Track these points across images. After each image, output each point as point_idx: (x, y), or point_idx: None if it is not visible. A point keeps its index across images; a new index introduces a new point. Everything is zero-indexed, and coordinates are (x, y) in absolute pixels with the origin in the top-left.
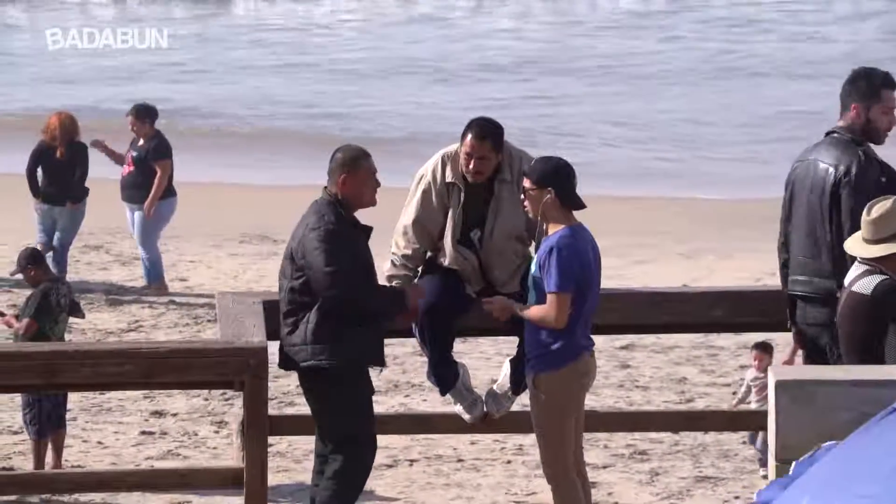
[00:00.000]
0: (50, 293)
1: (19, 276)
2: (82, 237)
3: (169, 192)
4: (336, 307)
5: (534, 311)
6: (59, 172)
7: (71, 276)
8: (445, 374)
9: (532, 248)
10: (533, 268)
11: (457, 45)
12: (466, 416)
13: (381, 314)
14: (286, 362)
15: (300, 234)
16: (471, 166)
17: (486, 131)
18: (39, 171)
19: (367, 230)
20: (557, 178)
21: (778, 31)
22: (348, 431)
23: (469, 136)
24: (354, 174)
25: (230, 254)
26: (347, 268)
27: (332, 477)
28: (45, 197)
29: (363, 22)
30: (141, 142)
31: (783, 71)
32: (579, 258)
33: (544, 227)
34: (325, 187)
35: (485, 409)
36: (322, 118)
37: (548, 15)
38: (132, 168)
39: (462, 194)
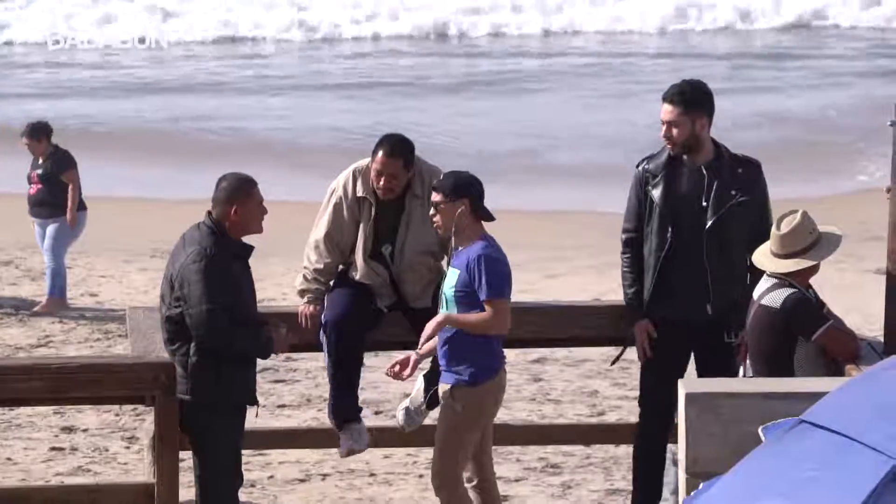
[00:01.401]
0: None
1: None
2: None
3: (80, 204)
4: (208, 346)
5: (473, 319)
6: None
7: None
8: (346, 403)
9: (444, 264)
10: (448, 283)
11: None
12: (356, 447)
13: (246, 357)
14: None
15: (180, 262)
16: (381, 183)
17: (397, 149)
18: None
19: (248, 251)
20: (471, 189)
21: None
22: (216, 476)
23: (380, 153)
24: (245, 204)
25: (140, 268)
26: (223, 307)
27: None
28: None
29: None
30: (40, 160)
31: None
32: (507, 269)
33: (453, 243)
34: (209, 212)
35: (399, 422)
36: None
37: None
38: (39, 186)
39: (373, 209)
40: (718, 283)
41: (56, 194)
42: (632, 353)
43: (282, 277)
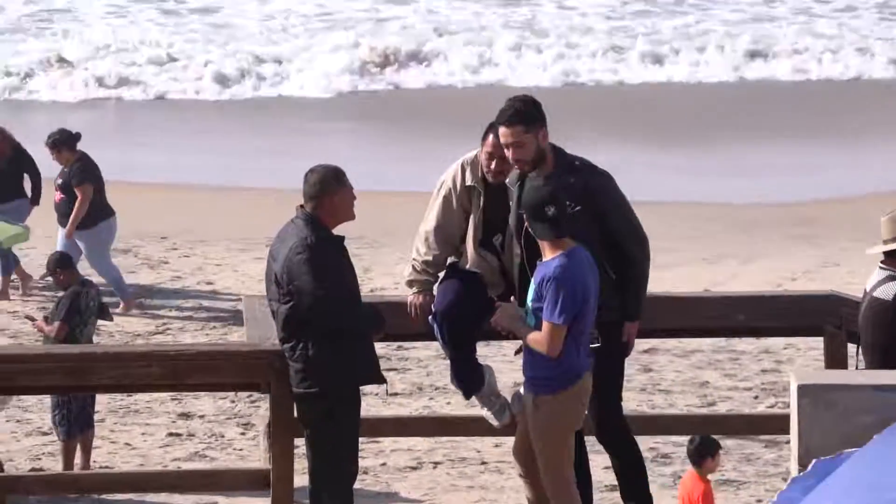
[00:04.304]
0: (79, 297)
1: (49, 280)
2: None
3: (104, 213)
4: (327, 330)
5: (532, 336)
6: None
7: (99, 279)
8: (469, 378)
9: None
10: (530, 296)
11: None
12: (495, 422)
13: (365, 334)
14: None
15: (283, 257)
16: (492, 166)
17: None
18: None
19: (342, 240)
20: (533, 209)
21: None
22: (334, 466)
23: (491, 136)
24: (339, 193)
25: (255, 257)
26: (336, 291)
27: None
28: None
29: None
30: (65, 168)
31: None
32: (577, 288)
33: (541, 248)
34: (301, 206)
35: (513, 410)
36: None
37: None
38: (62, 196)
39: (482, 198)
40: None
41: (73, 206)
42: (742, 343)
43: (395, 267)
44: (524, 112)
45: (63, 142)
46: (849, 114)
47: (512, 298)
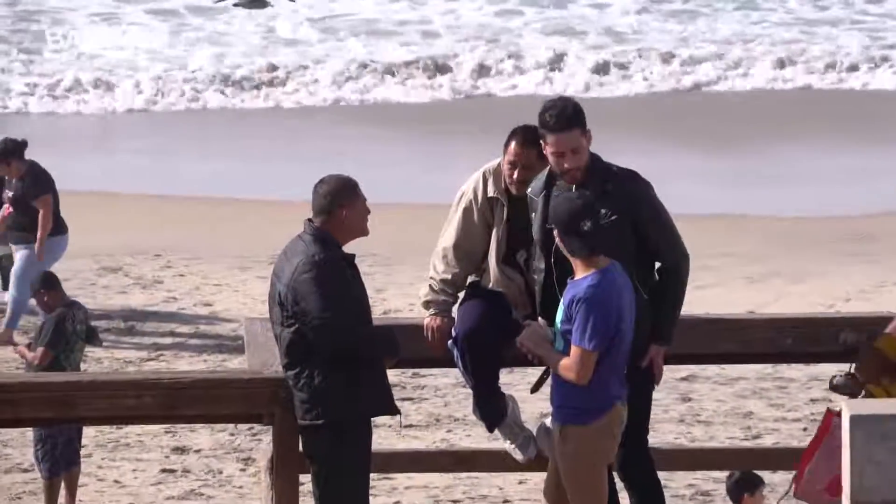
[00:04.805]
0: (65, 320)
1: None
2: (100, 259)
3: (58, 229)
4: (335, 356)
5: (560, 362)
6: None
7: (86, 301)
8: (492, 409)
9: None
10: (559, 317)
11: None
12: (519, 456)
13: (377, 361)
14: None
15: (288, 277)
16: (515, 175)
17: (531, 138)
18: None
19: (352, 258)
20: (567, 222)
21: None
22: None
23: (513, 144)
24: (352, 205)
25: (258, 276)
26: (345, 314)
27: None
28: None
29: None
30: (14, 181)
31: None
32: (611, 310)
33: (574, 265)
34: (310, 220)
35: (536, 446)
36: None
37: None
38: (10, 209)
39: (505, 210)
40: None
41: (26, 218)
42: (790, 370)
43: (410, 287)
44: (578, 114)
45: (12, 152)
46: None
47: (540, 319)
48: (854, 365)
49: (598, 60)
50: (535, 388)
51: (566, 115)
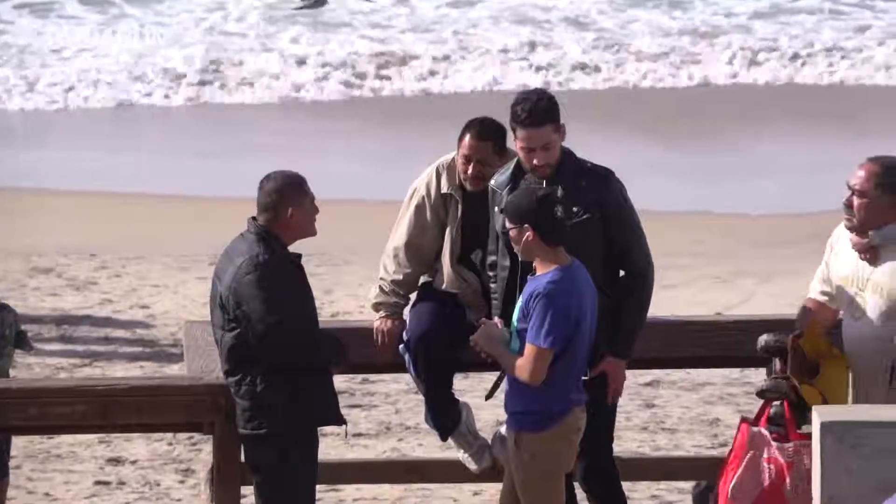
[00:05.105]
0: None
1: None
2: (30, 259)
3: None
4: (279, 363)
5: (507, 358)
6: None
7: (16, 303)
8: (446, 416)
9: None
10: (515, 315)
11: None
12: (473, 466)
13: (324, 367)
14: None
15: (229, 278)
16: (469, 171)
17: (487, 131)
18: None
19: (299, 258)
20: (536, 213)
21: None
22: None
23: (467, 137)
24: (300, 205)
25: (199, 277)
26: (290, 318)
27: None
28: None
29: None
30: None
31: None
32: (570, 308)
33: (532, 265)
34: (254, 218)
35: (493, 454)
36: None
37: None
38: None
39: (460, 207)
40: None
41: None
42: (760, 374)
43: (358, 288)
44: (551, 109)
45: None
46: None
47: (496, 318)
48: (780, 367)
49: (563, 53)
50: (490, 394)
51: (539, 110)
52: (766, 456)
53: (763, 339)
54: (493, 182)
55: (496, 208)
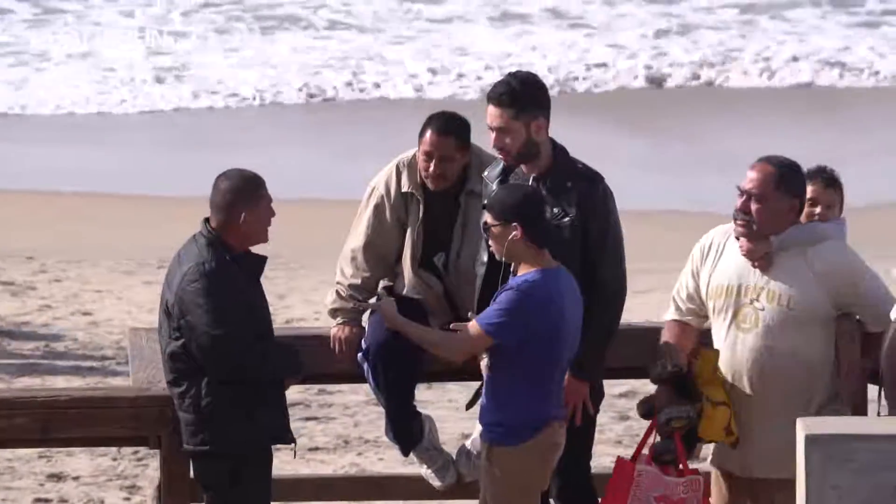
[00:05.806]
0: None
1: None
2: None
3: None
4: (225, 378)
5: (425, 333)
6: None
7: None
8: (407, 430)
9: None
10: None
11: None
12: (437, 483)
13: (274, 383)
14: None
15: (176, 284)
16: (431, 168)
17: (449, 126)
18: None
19: (260, 263)
20: (524, 210)
21: None
22: None
23: (428, 132)
24: (254, 208)
25: (145, 282)
26: (237, 327)
27: None
28: None
29: None
30: None
31: None
32: (539, 312)
33: (512, 268)
34: (206, 220)
35: (459, 471)
36: None
37: None
38: None
39: (421, 207)
40: None
41: None
42: None
43: (315, 293)
44: (520, 94)
45: None
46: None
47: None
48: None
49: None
50: (471, 404)
51: (505, 91)
52: (656, 494)
53: (658, 368)
54: (485, 173)
55: (485, 200)
